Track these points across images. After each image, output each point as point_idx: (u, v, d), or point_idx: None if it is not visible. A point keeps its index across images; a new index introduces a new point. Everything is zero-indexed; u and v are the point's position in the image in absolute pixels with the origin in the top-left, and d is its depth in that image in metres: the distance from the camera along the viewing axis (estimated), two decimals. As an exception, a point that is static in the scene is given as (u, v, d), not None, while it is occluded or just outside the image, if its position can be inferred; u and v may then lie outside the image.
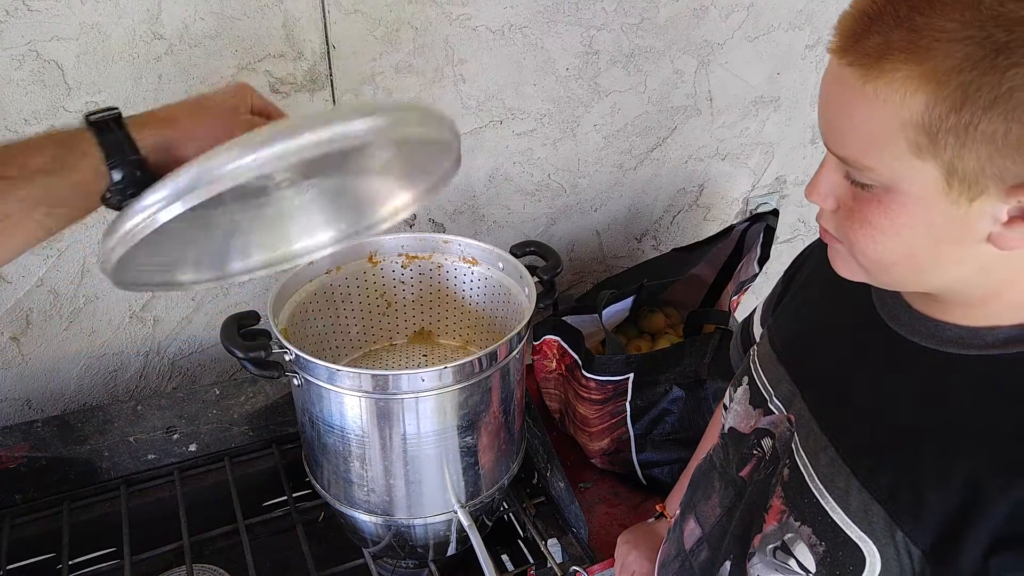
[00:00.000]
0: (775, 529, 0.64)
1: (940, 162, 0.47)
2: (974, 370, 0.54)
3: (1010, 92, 0.43)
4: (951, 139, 0.46)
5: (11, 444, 1.06)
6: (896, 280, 0.56)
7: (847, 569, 0.57)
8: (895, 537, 0.54)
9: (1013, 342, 0.53)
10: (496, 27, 1.14)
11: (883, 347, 0.60)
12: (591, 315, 1.19)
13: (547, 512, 1.12)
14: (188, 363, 1.22)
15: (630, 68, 1.27)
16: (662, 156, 1.40)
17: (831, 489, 0.59)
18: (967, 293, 0.54)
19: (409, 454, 0.91)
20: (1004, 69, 0.43)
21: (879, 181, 0.50)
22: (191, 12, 0.96)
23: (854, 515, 0.57)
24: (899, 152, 0.48)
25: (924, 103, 0.46)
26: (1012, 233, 0.48)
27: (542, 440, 1.12)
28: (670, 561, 0.83)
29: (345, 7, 1.04)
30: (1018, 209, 0.48)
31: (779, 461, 0.66)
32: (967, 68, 0.44)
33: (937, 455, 0.54)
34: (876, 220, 0.52)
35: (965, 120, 0.45)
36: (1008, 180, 0.46)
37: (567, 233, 1.40)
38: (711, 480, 0.77)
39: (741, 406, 0.75)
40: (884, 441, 0.57)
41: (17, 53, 0.91)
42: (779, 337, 0.74)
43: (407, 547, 1.02)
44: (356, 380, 0.86)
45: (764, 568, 0.65)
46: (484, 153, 1.24)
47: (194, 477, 1.16)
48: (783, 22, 1.34)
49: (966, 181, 0.47)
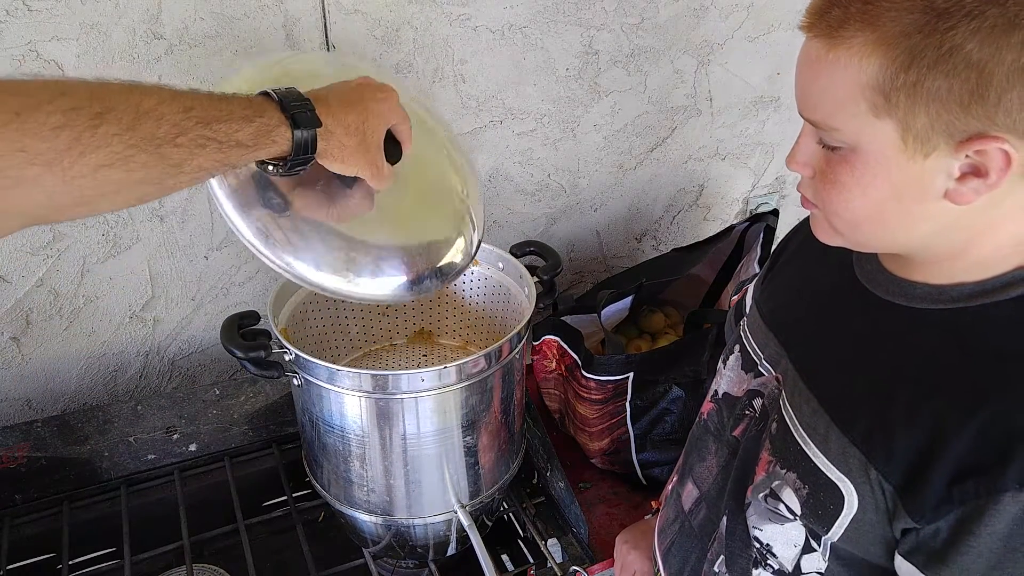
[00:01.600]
0: (764, 479, 0.68)
1: (895, 120, 0.52)
2: (941, 322, 0.59)
3: (950, 52, 0.48)
4: (902, 98, 0.51)
5: (11, 444, 1.06)
6: (868, 239, 0.61)
7: (828, 508, 0.62)
8: (870, 475, 0.59)
9: (975, 296, 0.57)
10: (496, 27, 1.14)
11: (861, 307, 0.65)
12: (591, 315, 1.19)
13: (547, 512, 1.12)
14: (188, 363, 1.22)
15: (630, 68, 1.27)
16: (662, 156, 1.40)
17: (813, 436, 0.64)
18: (934, 251, 0.59)
19: (409, 454, 0.91)
20: (944, 31, 0.48)
21: (845, 142, 0.56)
22: (191, 12, 0.96)
23: (834, 458, 0.61)
24: (860, 112, 0.53)
25: (878, 66, 0.51)
26: (964, 188, 0.53)
27: (542, 440, 1.12)
28: (669, 524, 0.85)
29: (345, 7, 1.04)
30: (968, 165, 0.52)
31: (768, 417, 0.70)
32: (913, 32, 0.49)
33: (907, 399, 0.58)
34: (845, 179, 0.57)
35: (912, 79, 0.50)
36: (955, 136, 0.51)
37: (567, 233, 1.40)
38: (706, 443, 0.80)
39: (733, 372, 0.79)
40: (861, 390, 0.62)
41: (17, 53, 0.91)
42: (767, 306, 0.78)
43: (407, 547, 1.02)
44: (356, 380, 0.86)
45: (758, 518, 0.69)
46: (484, 153, 1.24)
47: (194, 477, 1.16)
48: (783, 22, 1.34)
49: (919, 138, 0.52)
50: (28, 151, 0.47)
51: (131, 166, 0.51)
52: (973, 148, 0.51)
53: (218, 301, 1.18)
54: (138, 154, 0.52)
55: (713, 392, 0.82)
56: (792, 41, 1.42)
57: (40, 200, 0.50)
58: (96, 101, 0.50)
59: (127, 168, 0.51)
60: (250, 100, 0.60)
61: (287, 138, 0.60)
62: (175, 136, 0.54)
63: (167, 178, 0.55)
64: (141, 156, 0.52)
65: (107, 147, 0.50)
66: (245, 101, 0.60)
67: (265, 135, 0.59)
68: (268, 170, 0.64)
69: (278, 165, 0.63)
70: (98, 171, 0.50)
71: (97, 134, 0.49)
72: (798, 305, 0.74)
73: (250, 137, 0.58)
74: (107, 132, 0.50)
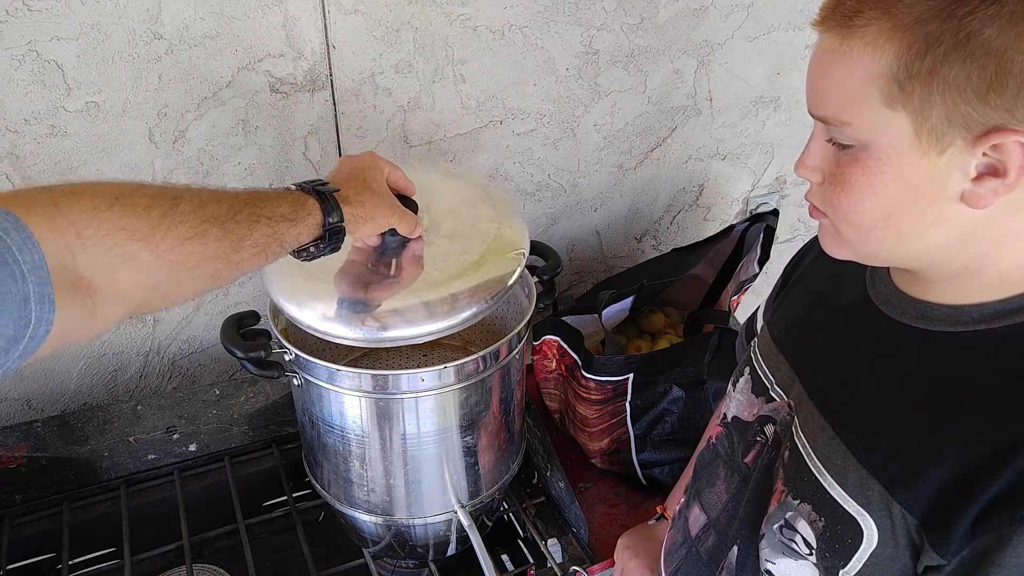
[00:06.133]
0: (777, 509, 0.66)
1: (909, 112, 0.50)
2: (961, 346, 0.56)
3: (967, 38, 0.47)
4: (917, 87, 0.49)
5: (11, 444, 1.06)
6: (878, 248, 0.58)
7: (845, 542, 0.59)
8: (891, 509, 0.56)
9: (997, 317, 0.54)
10: (496, 27, 1.14)
11: (876, 330, 0.62)
12: (591, 315, 1.19)
13: (547, 512, 1.12)
14: (188, 363, 1.22)
15: (630, 68, 1.27)
16: (662, 156, 1.40)
17: (828, 466, 0.61)
18: (949, 266, 0.56)
19: (409, 454, 0.91)
20: (961, 17, 0.47)
21: (856, 138, 0.53)
22: (191, 12, 0.96)
23: (851, 490, 0.59)
24: (872, 104, 0.51)
25: (893, 54, 0.49)
26: (981, 189, 0.50)
27: (542, 440, 1.12)
28: (675, 549, 0.83)
29: (345, 7, 1.04)
30: (985, 165, 0.50)
31: (781, 445, 0.68)
32: (929, 18, 0.48)
33: (929, 428, 0.55)
34: (855, 180, 0.54)
35: (928, 67, 0.48)
36: (973, 130, 0.49)
37: (567, 233, 1.40)
38: (715, 468, 0.78)
39: (744, 395, 0.76)
40: (879, 418, 0.59)
41: (17, 53, 0.91)
42: (778, 326, 0.76)
43: (407, 547, 1.02)
44: (356, 380, 0.86)
45: (771, 551, 0.66)
46: (484, 153, 1.24)
47: (194, 477, 1.16)
48: (783, 22, 1.34)
49: (935, 132, 0.50)
50: (128, 228, 0.54)
51: (206, 239, 0.60)
52: (991, 143, 0.48)
53: (218, 301, 1.18)
54: (210, 228, 0.60)
55: (722, 416, 0.80)
56: (792, 41, 1.43)
57: (141, 279, 0.56)
58: (168, 191, 0.60)
59: (203, 241, 0.59)
60: (277, 189, 0.71)
61: (317, 208, 0.70)
62: (234, 214, 0.62)
63: (232, 252, 0.62)
64: (213, 230, 0.60)
65: (187, 222, 0.58)
66: (274, 190, 0.70)
67: (300, 207, 0.68)
68: (311, 252, 0.72)
69: (318, 244, 0.71)
70: (183, 244, 0.58)
71: (178, 211, 0.58)
72: (810, 327, 0.72)
73: (290, 211, 0.67)
74: (185, 210, 0.59)
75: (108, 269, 0.54)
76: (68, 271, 0.51)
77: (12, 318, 0.46)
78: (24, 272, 0.47)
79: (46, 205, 0.51)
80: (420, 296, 0.81)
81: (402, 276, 0.84)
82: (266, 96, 1.05)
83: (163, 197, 0.58)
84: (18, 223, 0.47)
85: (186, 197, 0.60)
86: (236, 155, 1.08)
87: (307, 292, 0.84)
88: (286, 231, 0.67)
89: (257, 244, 0.64)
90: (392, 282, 0.83)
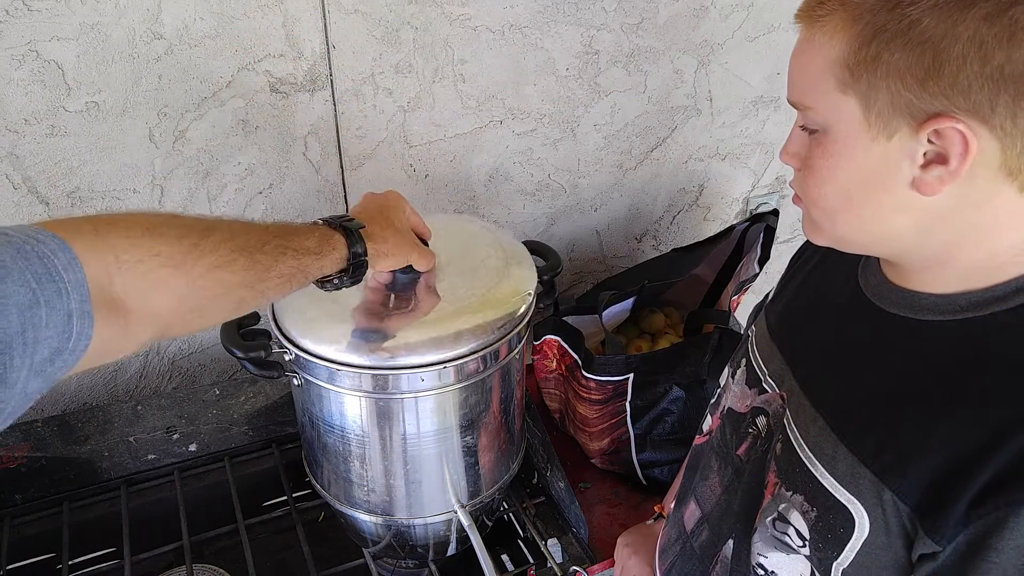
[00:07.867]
0: (771, 501, 0.66)
1: (858, 96, 0.53)
2: (949, 334, 0.57)
3: (909, 26, 0.49)
4: (864, 72, 0.52)
5: (11, 444, 1.06)
6: (845, 232, 0.60)
7: (838, 532, 0.59)
8: (882, 497, 0.56)
9: (984, 304, 0.55)
10: (496, 27, 1.14)
11: (867, 321, 0.63)
12: (591, 315, 1.19)
13: (547, 512, 1.12)
14: (188, 363, 1.22)
15: (630, 68, 1.27)
16: (662, 156, 1.40)
17: (820, 456, 0.62)
18: (919, 254, 0.58)
19: (409, 454, 0.91)
20: (905, 6, 0.49)
21: (818, 122, 0.56)
22: (191, 12, 0.96)
23: (842, 478, 0.59)
24: (829, 89, 0.54)
25: (845, 41, 0.52)
26: (928, 176, 0.52)
27: (542, 440, 1.12)
28: (670, 545, 0.84)
29: (345, 7, 1.04)
30: (932, 153, 0.52)
31: (773, 437, 0.68)
32: (878, 8, 0.51)
33: (919, 414, 0.56)
34: (816, 163, 0.57)
35: (873, 53, 0.51)
36: (916, 116, 0.51)
37: (567, 233, 1.40)
38: (709, 461, 0.79)
39: (739, 387, 0.77)
40: (869, 406, 0.60)
41: (17, 53, 0.91)
42: (773, 318, 0.77)
43: (407, 547, 1.02)
44: (356, 380, 0.86)
45: (764, 545, 0.66)
46: (484, 153, 1.24)
47: (194, 477, 1.16)
48: (783, 22, 1.34)
49: (881, 116, 0.52)
50: (162, 255, 0.58)
51: (234, 268, 0.63)
52: (931, 128, 0.50)
53: (218, 301, 1.18)
54: (239, 258, 0.63)
55: (723, 407, 0.80)
56: (792, 41, 1.42)
57: (171, 303, 0.59)
58: (201, 221, 0.63)
59: (231, 270, 0.63)
60: (306, 223, 0.74)
61: (343, 243, 0.73)
62: (262, 245, 0.66)
63: (258, 282, 0.65)
64: (241, 259, 0.63)
65: (217, 251, 0.62)
66: (303, 224, 0.73)
67: (326, 242, 0.72)
68: (334, 283, 0.76)
69: (342, 276, 0.75)
70: (212, 271, 0.61)
71: (209, 240, 0.61)
72: (802, 319, 0.73)
73: (316, 245, 0.71)
74: (216, 239, 0.62)
75: (142, 292, 0.57)
76: (105, 292, 0.54)
77: (57, 331, 0.50)
78: (68, 290, 0.50)
79: (88, 231, 0.55)
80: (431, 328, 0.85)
81: (420, 307, 0.88)
82: (266, 96, 1.05)
83: (196, 227, 0.62)
84: (64, 245, 0.51)
85: (218, 228, 0.63)
86: (236, 155, 1.08)
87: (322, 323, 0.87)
88: (311, 263, 0.70)
89: (283, 275, 0.67)
90: (407, 312, 0.87)
